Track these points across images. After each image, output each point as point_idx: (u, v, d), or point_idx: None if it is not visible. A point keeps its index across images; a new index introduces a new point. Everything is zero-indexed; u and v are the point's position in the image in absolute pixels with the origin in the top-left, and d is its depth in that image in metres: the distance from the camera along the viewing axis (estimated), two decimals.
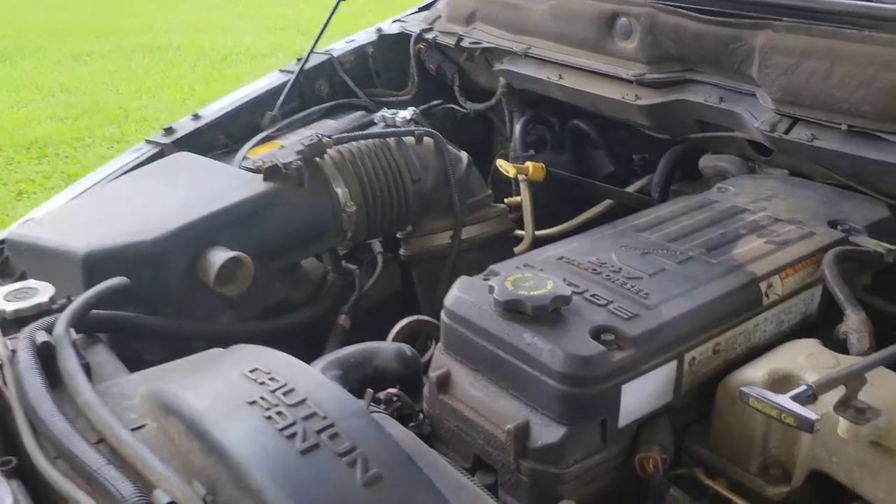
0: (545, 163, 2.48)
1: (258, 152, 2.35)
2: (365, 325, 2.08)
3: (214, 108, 2.60)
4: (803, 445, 1.36)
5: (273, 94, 2.66)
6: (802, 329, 1.63)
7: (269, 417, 1.16)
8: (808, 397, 1.21)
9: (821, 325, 1.65)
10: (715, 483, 1.44)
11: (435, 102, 2.81)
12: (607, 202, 2.54)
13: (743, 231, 1.69)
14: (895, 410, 1.25)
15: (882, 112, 1.70)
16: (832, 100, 1.76)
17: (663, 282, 1.52)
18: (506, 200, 2.49)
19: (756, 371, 1.41)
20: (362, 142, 2.15)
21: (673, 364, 1.43)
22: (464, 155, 2.30)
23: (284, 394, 1.21)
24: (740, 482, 1.42)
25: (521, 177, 2.44)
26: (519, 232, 2.45)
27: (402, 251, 2.33)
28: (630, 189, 2.55)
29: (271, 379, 1.24)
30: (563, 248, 1.66)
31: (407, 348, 1.70)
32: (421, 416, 1.58)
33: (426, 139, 2.22)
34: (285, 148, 2.28)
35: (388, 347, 1.71)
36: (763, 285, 1.55)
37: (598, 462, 1.40)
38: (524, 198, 2.45)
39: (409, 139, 2.21)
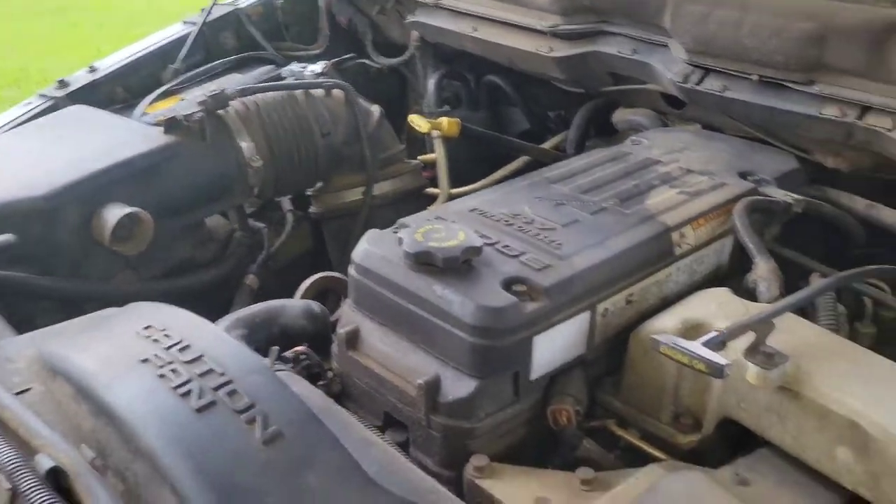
0: (460, 119, 2.44)
1: (158, 107, 2.24)
2: (275, 286, 2.01)
3: (112, 61, 2.47)
4: (713, 393, 1.35)
5: (175, 46, 2.54)
6: (714, 279, 1.63)
7: (163, 375, 1.10)
8: (718, 344, 1.20)
9: (732, 276, 1.65)
10: (627, 433, 1.44)
11: (346, 56, 2.73)
12: (523, 159, 2.51)
13: (655, 182, 1.68)
14: (803, 355, 1.25)
15: (791, 62, 1.70)
16: (743, 50, 1.76)
17: (576, 233, 1.49)
18: (420, 157, 2.44)
19: (667, 320, 1.40)
20: (269, 94, 2.06)
21: (586, 315, 1.41)
22: (375, 108, 2.24)
23: (180, 350, 1.14)
24: (652, 432, 1.42)
25: (434, 133, 2.38)
26: (434, 190, 2.40)
27: (312, 208, 2.26)
28: (546, 145, 2.52)
29: (166, 336, 1.18)
30: (476, 201, 1.62)
31: (315, 305, 1.65)
32: (330, 374, 1.53)
33: (336, 92, 2.15)
34: (186, 100, 2.17)
35: (294, 305, 1.65)
36: (675, 235, 1.54)
37: (510, 415, 1.38)
38: (439, 154, 2.40)
39: (318, 92, 2.14)
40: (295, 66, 2.37)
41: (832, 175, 1.86)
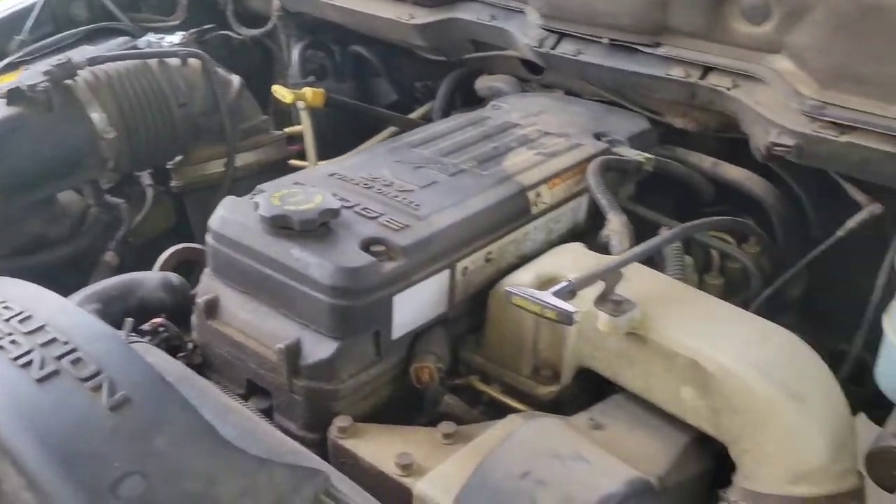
0: (326, 90, 2.41)
1: (3, 80, 2.12)
2: (138, 263, 1.94)
3: None
4: (569, 344, 1.40)
5: (21, 16, 2.41)
6: (571, 237, 1.67)
7: (1, 347, 1.05)
8: (568, 293, 1.24)
9: (589, 234, 1.70)
10: (490, 388, 1.47)
11: (206, 27, 2.65)
12: (391, 129, 2.51)
13: (513, 144, 1.71)
14: (648, 302, 1.30)
15: (638, 25, 1.76)
16: (594, 13, 1.81)
17: (435, 194, 1.51)
18: (286, 129, 2.40)
19: (524, 275, 1.44)
20: (121, 64, 1.99)
21: (445, 273, 1.43)
22: (235, 78, 2.19)
23: (20, 321, 1.10)
24: (513, 385, 1.45)
25: (299, 104, 2.35)
26: (301, 163, 2.37)
27: (173, 182, 2.20)
28: (413, 115, 2.53)
29: (5, 307, 1.13)
30: (336, 166, 1.62)
31: (174, 276, 1.61)
32: (191, 345, 1.50)
33: (192, 61, 2.09)
34: (31, 71, 2.07)
35: (152, 277, 1.60)
36: (531, 195, 1.57)
37: (373, 376, 1.38)
38: (305, 126, 2.37)
39: (174, 61, 2.07)
40: (151, 38, 2.29)
41: (683, 135, 1.94)
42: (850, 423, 1.22)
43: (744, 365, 1.20)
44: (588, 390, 1.43)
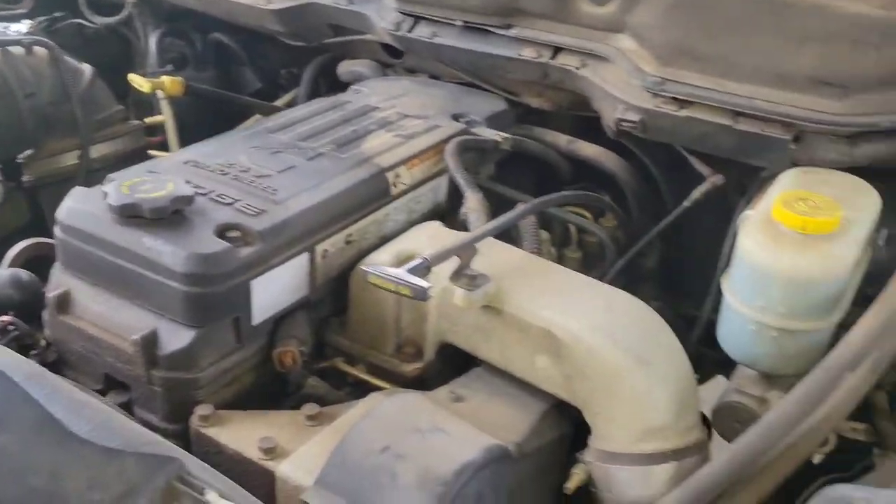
0: (187, 79, 2.35)
1: None
2: None
3: None
4: (430, 320, 1.42)
5: None
6: (433, 218, 1.69)
7: None
8: (424, 269, 1.26)
9: (451, 214, 1.73)
10: (355, 369, 1.48)
11: (56, 16, 2.55)
12: (256, 117, 2.47)
13: (372, 127, 1.72)
14: (503, 276, 1.34)
15: (489, 7, 1.80)
16: None
17: (292, 178, 1.50)
18: (147, 119, 2.34)
19: (382, 255, 1.46)
20: None
21: (304, 257, 1.42)
22: (86, 67, 2.12)
23: None
24: (378, 365, 1.47)
25: (158, 93, 2.29)
26: (162, 153, 2.31)
27: (25, 176, 2.10)
28: (278, 103, 2.50)
29: None
30: (191, 154, 1.59)
31: (23, 272, 1.54)
32: (44, 342, 1.45)
33: (39, 50, 2.01)
34: None
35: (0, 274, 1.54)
36: (391, 175, 1.59)
37: (235, 362, 1.37)
38: (165, 115, 2.32)
39: (18, 50, 1.98)
40: None
41: (542, 115, 1.99)
42: (692, 382, 1.29)
43: (592, 332, 1.25)
44: (453, 365, 1.46)
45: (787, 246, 1.29)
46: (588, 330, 1.25)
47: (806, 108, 1.49)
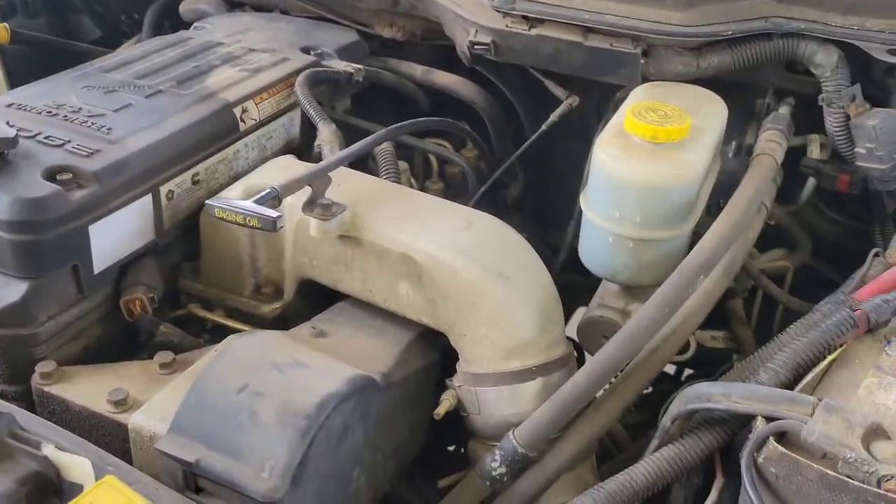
0: (16, 27, 2.18)
1: None
2: None
3: None
4: (287, 257, 1.37)
5: None
6: (288, 153, 1.63)
7: None
8: (273, 199, 1.20)
9: (307, 150, 1.67)
10: (212, 315, 1.41)
11: None
12: None
13: (216, 62, 1.63)
14: (358, 204, 1.30)
15: None
16: None
17: (129, 116, 1.40)
18: None
19: (231, 191, 1.39)
20: None
21: (147, 198, 1.34)
22: None
23: None
24: (237, 308, 1.41)
25: None
26: None
27: None
28: (120, 50, 2.35)
29: None
30: (15, 96, 1.46)
31: None
32: None
33: None
34: None
35: None
36: (237, 111, 1.51)
37: (78, 315, 1.29)
38: None
39: None
40: None
41: (400, 47, 1.94)
42: (554, 298, 1.28)
43: (449, 251, 1.23)
44: (316, 303, 1.42)
45: (639, 156, 1.29)
46: (446, 251, 1.23)
47: (653, 20, 1.50)
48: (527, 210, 2.05)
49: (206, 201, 1.20)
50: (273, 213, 1.15)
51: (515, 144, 1.86)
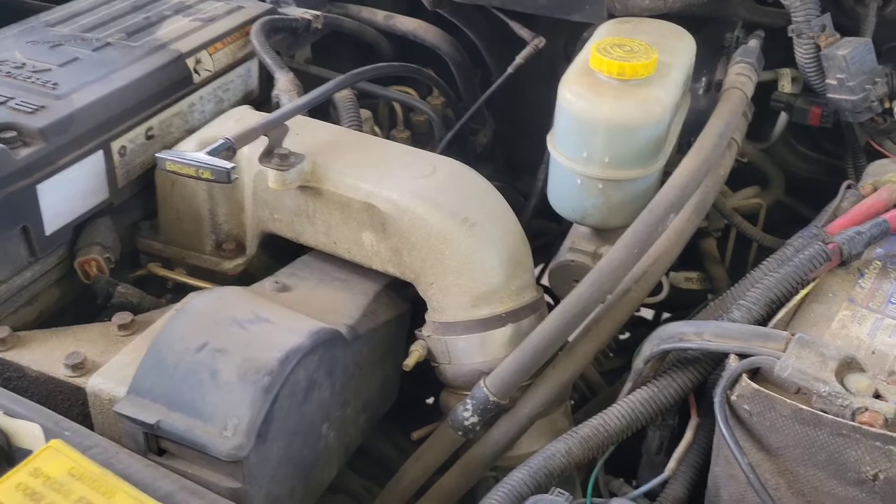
0: None
1: None
2: None
3: None
4: (248, 211, 1.33)
5: None
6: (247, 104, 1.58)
7: None
8: (226, 150, 1.15)
9: (266, 102, 1.62)
10: (174, 273, 1.37)
11: None
12: None
13: (167, 13, 1.57)
14: (318, 153, 1.25)
15: None
16: None
17: (76, 71, 1.35)
18: None
19: (186, 144, 1.34)
20: None
21: (98, 155, 1.29)
22: None
23: None
24: (198, 265, 1.37)
25: None
26: None
27: None
28: None
29: None
30: None
31: None
32: None
33: None
34: None
35: None
36: (191, 62, 1.45)
37: (30, 278, 1.25)
38: None
39: None
40: None
41: None
42: (523, 242, 1.25)
43: (413, 198, 1.19)
44: (280, 258, 1.38)
45: (605, 93, 1.26)
46: (409, 198, 1.19)
47: None
48: (498, 158, 2.01)
49: (157, 154, 1.16)
50: (226, 165, 1.11)
51: (484, 90, 1.81)
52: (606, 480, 1.19)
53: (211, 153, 1.13)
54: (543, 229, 1.84)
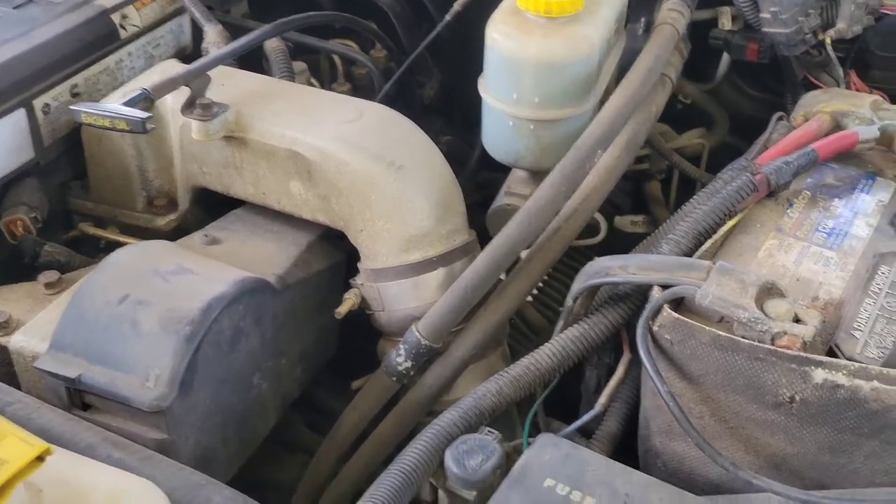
0: None
1: None
2: None
3: None
4: (177, 165, 1.31)
5: None
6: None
7: None
8: (144, 101, 1.13)
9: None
10: (106, 232, 1.36)
11: None
12: None
13: None
14: (242, 102, 1.23)
15: None
16: None
17: None
18: None
19: (111, 98, 1.32)
20: None
21: (20, 113, 1.27)
22: None
23: None
24: (130, 223, 1.35)
25: None
26: None
27: None
28: None
29: None
30: None
31: None
32: None
33: None
34: None
35: None
36: (116, 17, 1.43)
37: None
38: None
39: None
40: None
41: None
42: (453, 185, 1.24)
43: (338, 144, 1.17)
44: (215, 212, 1.36)
45: (533, 31, 1.23)
46: (334, 143, 1.17)
47: None
48: (452, 111, 1.99)
49: (71, 107, 1.13)
50: (141, 114, 1.08)
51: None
52: (547, 422, 1.19)
53: (127, 104, 1.10)
54: (491, 180, 1.82)
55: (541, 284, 1.65)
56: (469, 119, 1.95)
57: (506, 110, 1.28)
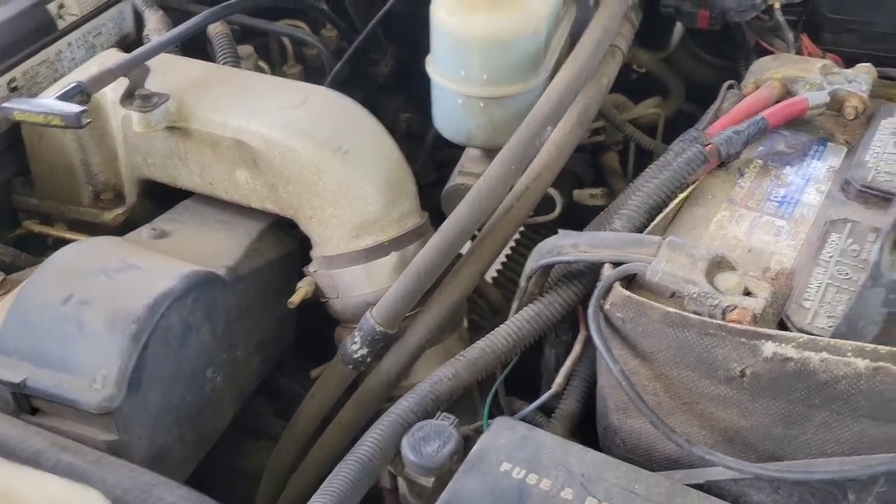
0: None
1: None
2: None
3: None
4: (121, 158, 1.28)
5: None
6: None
7: None
8: (79, 94, 1.10)
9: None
10: (53, 230, 1.33)
11: None
12: None
13: None
14: (185, 91, 1.20)
15: None
16: None
17: None
18: None
19: (48, 92, 1.28)
20: None
21: None
22: None
23: None
24: (77, 219, 1.33)
25: None
26: None
27: None
28: None
29: None
30: None
31: None
32: None
33: None
34: None
35: None
36: (52, 7, 1.39)
37: None
38: None
39: None
40: None
41: None
42: (403, 168, 1.21)
43: (282, 130, 1.15)
44: (164, 204, 1.33)
45: (478, 7, 1.21)
46: (278, 130, 1.15)
47: None
48: (407, 88, 1.96)
49: (3, 104, 1.10)
50: (74, 108, 1.05)
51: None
52: (509, 401, 1.19)
53: (61, 98, 1.07)
54: (451, 158, 1.80)
55: (503, 263, 1.65)
56: (427, 97, 1.93)
57: (455, 89, 1.26)
